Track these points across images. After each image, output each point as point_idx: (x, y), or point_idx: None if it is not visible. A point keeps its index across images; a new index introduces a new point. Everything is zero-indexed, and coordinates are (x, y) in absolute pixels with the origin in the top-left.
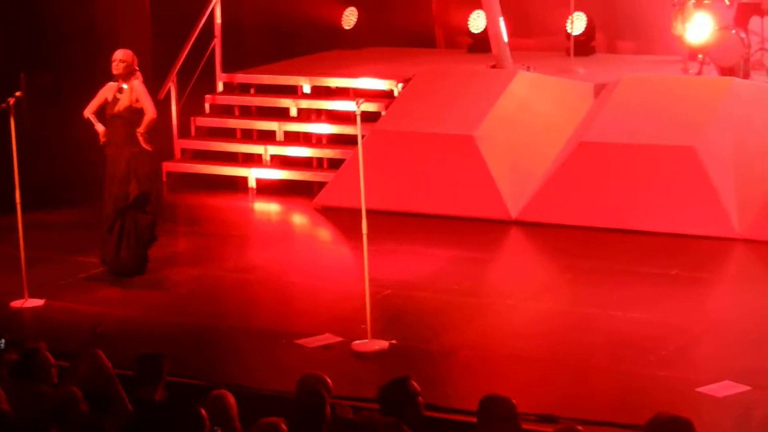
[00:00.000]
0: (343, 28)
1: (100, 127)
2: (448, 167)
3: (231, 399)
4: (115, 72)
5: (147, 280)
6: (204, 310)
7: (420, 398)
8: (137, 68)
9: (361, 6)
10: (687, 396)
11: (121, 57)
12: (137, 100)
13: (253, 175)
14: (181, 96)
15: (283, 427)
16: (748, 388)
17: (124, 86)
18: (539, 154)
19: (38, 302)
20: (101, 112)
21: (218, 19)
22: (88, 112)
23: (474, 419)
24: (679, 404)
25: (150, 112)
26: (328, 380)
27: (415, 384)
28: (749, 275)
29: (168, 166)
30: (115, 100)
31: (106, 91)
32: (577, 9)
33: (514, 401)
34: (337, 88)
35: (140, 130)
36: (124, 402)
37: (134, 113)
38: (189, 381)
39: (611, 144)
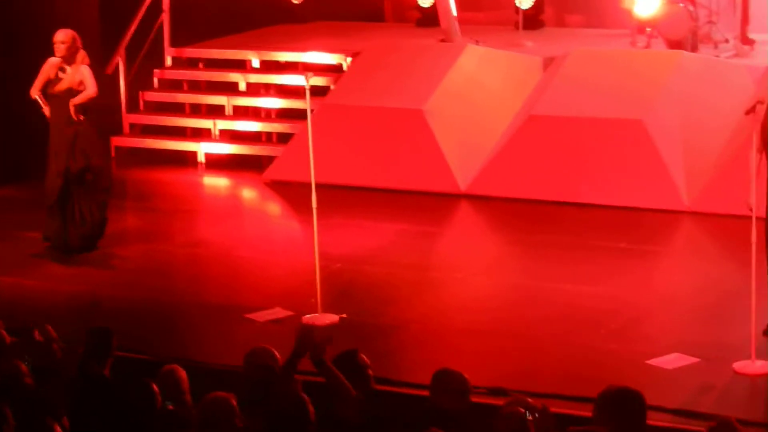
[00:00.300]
0: (292, 2)
1: (47, 110)
2: (398, 141)
3: (182, 374)
4: (57, 55)
5: (96, 256)
6: (153, 285)
7: (369, 371)
8: (81, 47)
9: None
10: (637, 368)
11: (61, 38)
12: (80, 83)
13: (203, 149)
14: (129, 70)
15: (233, 402)
16: (697, 360)
17: (68, 68)
18: (488, 127)
19: None
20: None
21: None
22: (35, 92)
23: (425, 392)
24: (630, 376)
25: (90, 90)
26: (276, 354)
27: (364, 357)
28: (698, 248)
29: (117, 141)
30: (58, 79)
31: (48, 69)
32: None
33: (465, 374)
34: (286, 62)
35: (74, 101)
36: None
37: (75, 95)
38: (139, 356)
39: (560, 117)
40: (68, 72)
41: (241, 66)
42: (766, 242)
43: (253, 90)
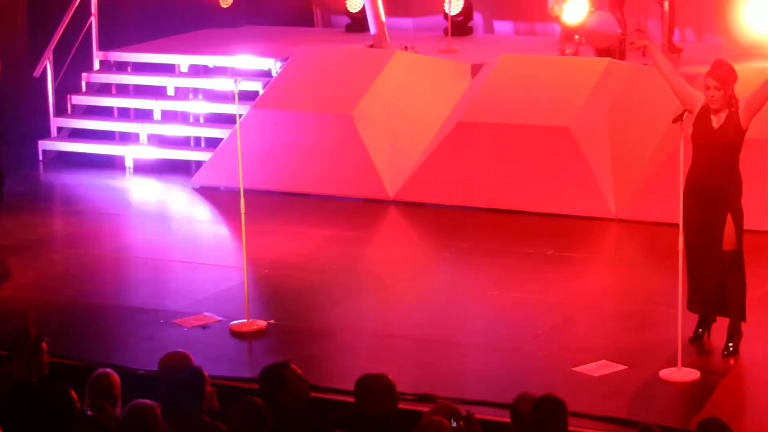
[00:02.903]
0: (221, 6)
1: None
2: (327, 147)
3: (115, 378)
4: None
5: (22, 260)
6: (80, 289)
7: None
8: None
9: None
10: (564, 375)
11: None
12: None
13: (131, 154)
14: (57, 73)
15: (157, 410)
16: (623, 367)
17: None
18: (417, 133)
19: None
20: None
21: None
22: None
23: (352, 399)
24: (556, 383)
25: None
26: (190, 357)
27: (294, 368)
28: (625, 255)
29: (44, 144)
30: None
31: None
32: None
33: (392, 381)
34: (215, 66)
35: None
36: None
37: None
38: (64, 361)
39: (488, 124)
40: None
41: (170, 70)
42: (687, 249)
43: (182, 94)
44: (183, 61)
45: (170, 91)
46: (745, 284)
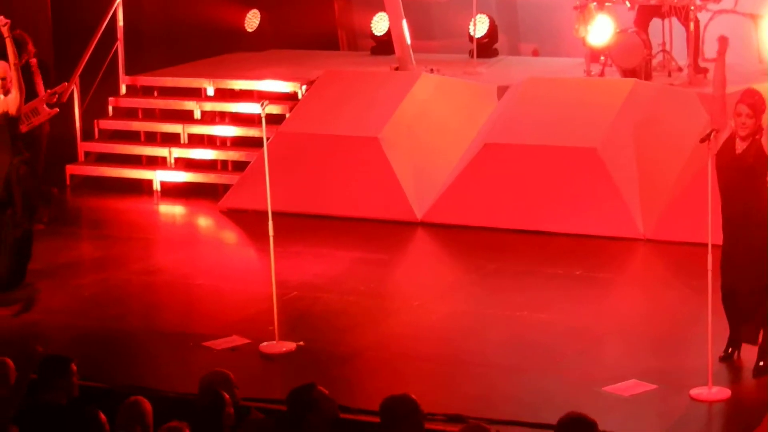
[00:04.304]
0: (246, 30)
1: None
2: (354, 169)
3: (147, 406)
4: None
5: (51, 284)
6: (110, 313)
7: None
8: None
9: (264, 8)
10: (594, 395)
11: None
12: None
13: (158, 177)
14: (84, 98)
15: (186, 431)
16: (654, 386)
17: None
18: (444, 155)
19: None
20: None
21: (120, 22)
22: None
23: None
24: (586, 403)
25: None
26: (231, 376)
27: (321, 389)
28: (653, 275)
29: (71, 169)
30: None
31: None
32: (479, 11)
33: (420, 401)
34: (241, 90)
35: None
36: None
37: (10, 121)
38: (94, 384)
39: (515, 145)
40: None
41: (196, 94)
42: (720, 269)
43: (208, 118)
44: (209, 84)
45: (197, 115)
46: None
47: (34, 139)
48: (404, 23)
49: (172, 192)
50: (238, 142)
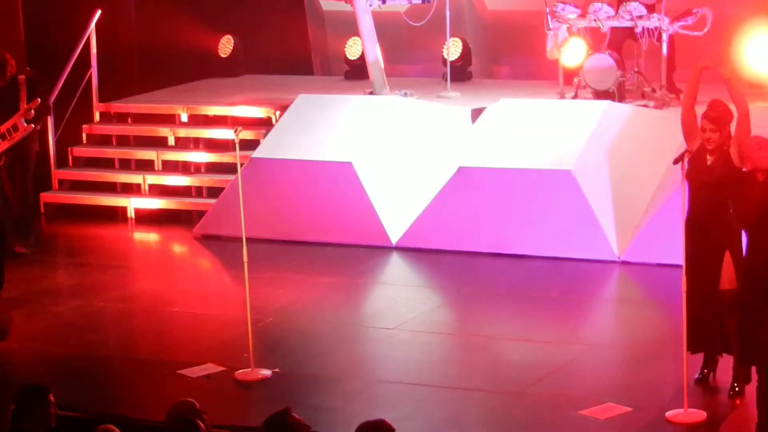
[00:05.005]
0: (219, 56)
1: None
2: (328, 194)
3: None
4: None
5: (26, 312)
6: (85, 340)
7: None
8: None
9: (237, 34)
10: (569, 418)
11: None
12: None
13: (132, 204)
14: (57, 126)
15: None
16: (629, 409)
17: None
18: (418, 179)
19: None
20: None
21: (94, 49)
22: None
23: None
24: (562, 427)
25: None
26: (197, 404)
27: (294, 416)
28: (628, 297)
29: (46, 197)
30: None
31: None
32: (453, 35)
33: (395, 426)
34: (215, 116)
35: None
36: None
37: None
38: (70, 414)
39: (489, 169)
40: None
41: (170, 120)
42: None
43: (182, 144)
44: (183, 111)
45: (171, 141)
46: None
47: (22, 158)
48: (377, 47)
49: (146, 219)
50: (213, 168)
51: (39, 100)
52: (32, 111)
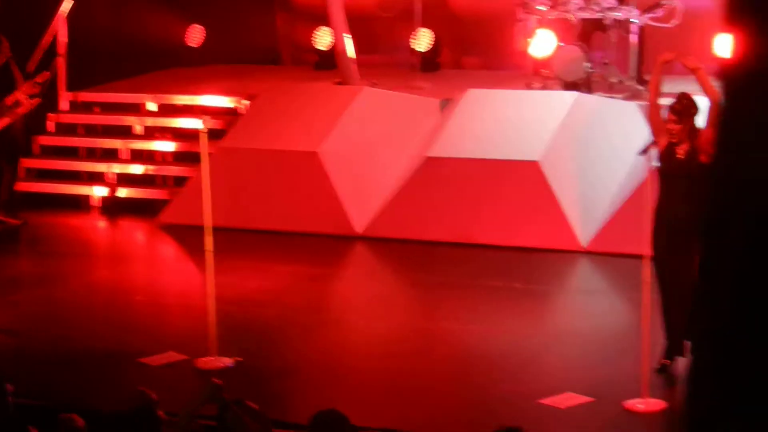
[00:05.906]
0: (187, 45)
1: None
2: (294, 184)
3: (80, 422)
4: None
5: None
6: (47, 329)
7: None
8: None
9: (206, 23)
10: (530, 408)
11: None
12: None
13: (98, 193)
14: (25, 115)
15: None
16: (590, 399)
17: None
18: (385, 169)
19: None
20: None
21: (63, 37)
22: None
23: None
24: (523, 416)
25: None
26: (151, 393)
27: (250, 404)
28: (592, 287)
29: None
30: None
31: None
32: (422, 25)
33: (356, 415)
34: (182, 105)
35: None
36: None
37: None
38: (29, 402)
39: (456, 159)
40: None
41: (137, 110)
42: (658, 281)
43: (149, 133)
44: (150, 100)
45: (138, 130)
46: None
47: (12, 138)
48: (347, 37)
49: (112, 208)
50: (179, 158)
51: (49, 73)
52: (38, 85)
